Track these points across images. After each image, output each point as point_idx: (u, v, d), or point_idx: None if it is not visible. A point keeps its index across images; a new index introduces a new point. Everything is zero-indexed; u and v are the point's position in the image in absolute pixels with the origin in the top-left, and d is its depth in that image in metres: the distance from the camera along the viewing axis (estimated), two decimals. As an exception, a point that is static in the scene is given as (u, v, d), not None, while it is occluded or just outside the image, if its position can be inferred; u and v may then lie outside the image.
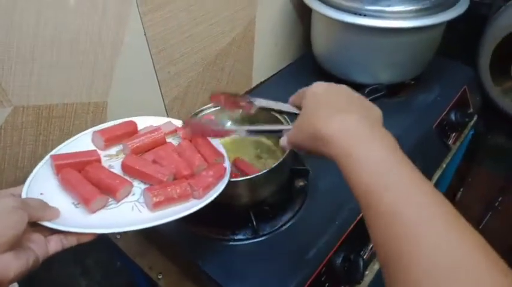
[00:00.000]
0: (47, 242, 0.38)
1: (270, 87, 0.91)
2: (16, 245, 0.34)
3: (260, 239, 0.57)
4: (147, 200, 0.43)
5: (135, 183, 0.47)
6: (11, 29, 0.48)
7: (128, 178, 0.47)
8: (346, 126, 0.35)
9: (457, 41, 0.91)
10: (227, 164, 0.50)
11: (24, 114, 0.54)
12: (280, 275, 0.53)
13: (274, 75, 0.95)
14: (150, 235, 0.67)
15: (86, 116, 0.61)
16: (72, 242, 0.40)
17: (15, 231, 0.34)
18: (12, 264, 0.33)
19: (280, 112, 0.52)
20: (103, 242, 0.72)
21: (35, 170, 0.45)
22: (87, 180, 0.45)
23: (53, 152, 0.48)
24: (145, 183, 0.47)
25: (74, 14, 0.53)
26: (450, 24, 0.73)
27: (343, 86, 0.42)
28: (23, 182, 0.58)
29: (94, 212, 0.43)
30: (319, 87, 0.42)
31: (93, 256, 0.83)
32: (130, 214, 0.43)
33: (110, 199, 0.44)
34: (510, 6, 0.90)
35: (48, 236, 0.39)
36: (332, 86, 0.42)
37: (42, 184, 0.44)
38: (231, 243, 0.57)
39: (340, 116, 0.36)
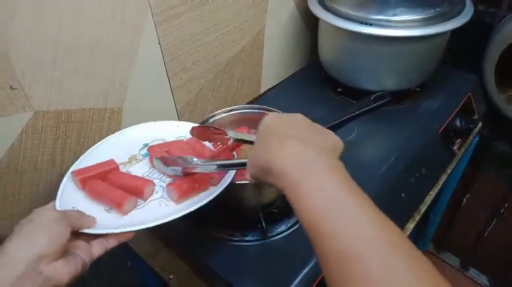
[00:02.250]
0: (90, 247, 0.42)
1: (277, 93, 0.93)
2: (64, 253, 0.38)
3: (268, 240, 0.59)
4: (172, 195, 0.47)
5: (156, 182, 0.50)
6: (34, 40, 0.51)
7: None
8: (295, 156, 0.33)
9: (462, 49, 0.93)
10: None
11: (44, 118, 0.57)
12: (289, 275, 0.54)
13: (281, 82, 0.97)
14: (162, 236, 0.69)
15: (102, 121, 0.64)
16: (113, 243, 0.43)
17: (61, 240, 0.38)
18: (64, 270, 0.37)
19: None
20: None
21: (61, 187, 0.48)
22: (112, 187, 0.48)
23: (72, 169, 0.51)
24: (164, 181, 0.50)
25: (93, 24, 0.56)
26: (455, 32, 0.75)
27: (297, 115, 0.39)
28: (42, 184, 0.61)
29: (127, 213, 0.46)
30: (270, 118, 0.39)
31: (104, 256, 0.85)
32: (159, 209, 0.47)
33: (138, 200, 0.47)
34: (514, 15, 0.92)
35: (91, 242, 0.42)
36: (284, 116, 0.39)
37: (71, 198, 0.48)
38: (240, 244, 0.59)
39: (289, 146, 0.34)
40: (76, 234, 0.41)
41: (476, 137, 0.95)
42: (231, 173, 0.50)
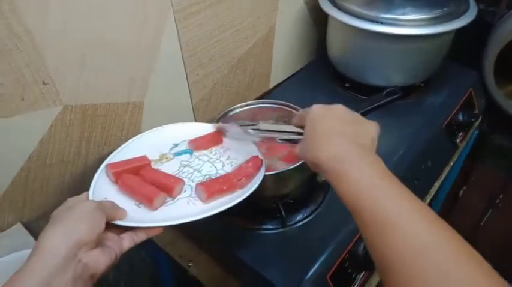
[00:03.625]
0: (121, 240, 0.43)
1: (286, 88, 0.96)
2: (100, 242, 0.39)
3: (287, 228, 0.62)
4: (200, 194, 0.49)
5: (185, 181, 0.52)
6: (65, 39, 0.53)
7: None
8: (335, 152, 0.38)
9: (464, 46, 0.96)
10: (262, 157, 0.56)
11: (72, 112, 0.59)
12: (308, 261, 0.57)
13: (290, 77, 1.00)
14: (182, 226, 0.72)
15: (124, 115, 0.66)
16: (142, 237, 0.44)
17: (99, 229, 0.39)
18: (101, 258, 0.38)
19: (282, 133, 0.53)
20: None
21: (94, 178, 0.50)
22: (144, 182, 0.50)
23: (106, 161, 0.53)
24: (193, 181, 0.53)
25: (118, 23, 0.58)
26: (458, 31, 0.78)
27: (339, 108, 0.44)
28: (68, 176, 0.63)
29: (156, 209, 0.48)
30: (316, 112, 0.44)
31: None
32: (187, 207, 0.48)
33: (168, 197, 0.50)
34: (513, 14, 0.95)
35: (121, 234, 0.43)
36: (328, 110, 0.44)
37: (104, 190, 0.49)
38: (261, 232, 0.62)
39: (333, 142, 0.39)
40: (107, 226, 0.41)
41: (476, 130, 0.99)
42: (259, 178, 0.51)
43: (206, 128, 0.61)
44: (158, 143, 0.59)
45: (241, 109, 0.70)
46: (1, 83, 0.49)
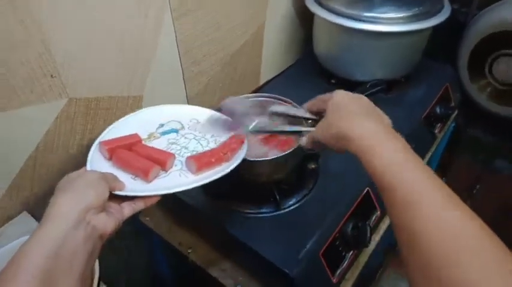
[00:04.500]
0: (122, 209, 0.47)
1: (275, 85, 1.01)
2: (105, 208, 0.43)
3: (282, 212, 0.67)
4: (191, 166, 0.54)
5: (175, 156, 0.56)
6: (71, 36, 0.56)
7: None
8: (367, 129, 0.42)
9: (441, 44, 1.03)
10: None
11: (76, 105, 0.62)
12: (302, 240, 0.62)
13: (279, 74, 1.05)
14: (180, 213, 0.76)
15: (125, 108, 0.69)
16: (140, 206, 0.48)
17: (104, 196, 0.43)
18: (107, 221, 0.42)
19: (295, 117, 0.59)
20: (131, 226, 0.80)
21: (89, 156, 0.53)
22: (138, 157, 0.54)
23: (98, 140, 0.56)
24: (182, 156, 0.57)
25: (122, 19, 0.61)
26: (435, 29, 0.85)
27: (361, 96, 0.50)
28: (72, 164, 0.66)
29: (151, 181, 0.52)
30: (342, 96, 0.49)
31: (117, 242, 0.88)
32: (179, 179, 0.53)
33: (161, 171, 0.54)
34: (484, 14, 1.03)
35: (121, 204, 0.47)
36: (352, 95, 0.50)
37: (99, 166, 0.52)
38: (258, 216, 0.66)
39: (361, 121, 0.44)
40: (109, 197, 0.45)
41: (453, 123, 1.06)
42: (243, 151, 0.56)
43: (187, 109, 0.66)
44: (145, 123, 0.62)
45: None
46: (13, 75, 0.52)
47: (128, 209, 0.47)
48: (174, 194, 0.49)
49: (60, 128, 0.61)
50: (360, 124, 0.43)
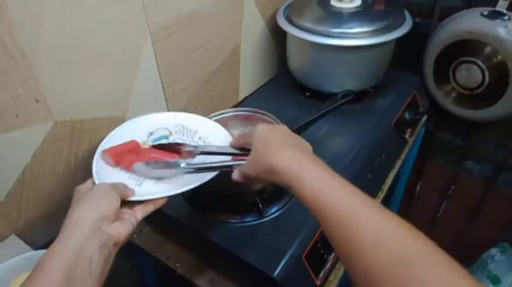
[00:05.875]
0: (134, 212, 0.50)
1: (254, 100, 1.05)
2: (118, 217, 0.47)
3: (265, 219, 0.70)
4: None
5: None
6: (56, 59, 0.59)
7: None
8: (292, 158, 0.45)
9: (406, 55, 1.10)
10: None
11: (62, 127, 0.64)
12: (285, 245, 0.65)
13: (256, 90, 1.10)
14: (166, 228, 0.78)
15: (109, 128, 0.71)
16: (151, 208, 0.51)
17: (116, 204, 0.47)
18: (122, 229, 0.45)
19: (222, 153, 0.60)
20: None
21: (94, 167, 0.56)
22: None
23: (99, 149, 0.60)
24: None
25: (104, 42, 0.65)
26: (400, 41, 0.91)
27: (283, 126, 0.54)
28: (60, 185, 0.67)
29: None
30: (263, 128, 0.51)
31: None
32: (181, 180, 0.56)
33: None
34: (444, 25, 1.11)
35: (134, 208, 0.50)
36: (273, 127, 0.53)
37: (105, 176, 0.55)
38: (242, 225, 0.69)
39: (285, 151, 0.46)
40: (121, 204, 0.48)
41: (423, 128, 1.12)
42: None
43: (165, 116, 0.69)
44: (134, 134, 0.64)
45: (216, 118, 0.78)
46: (-1, 101, 0.54)
47: (140, 212, 0.50)
48: (160, 209, 0.52)
49: (46, 151, 0.63)
50: (285, 154, 0.45)
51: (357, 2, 0.93)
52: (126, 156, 0.57)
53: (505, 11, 0.97)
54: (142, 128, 0.66)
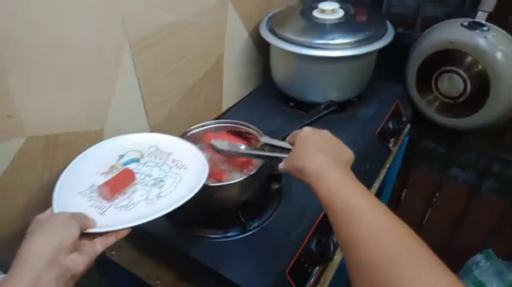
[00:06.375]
0: (94, 245, 0.48)
1: (237, 111, 1.04)
2: (76, 248, 0.45)
3: (247, 234, 0.68)
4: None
5: (139, 186, 0.58)
6: (30, 73, 0.57)
7: None
8: (318, 162, 0.49)
9: (389, 65, 1.11)
10: None
11: (34, 143, 0.62)
12: (268, 261, 0.63)
13: (240, 101, 1.09)
14: (145, 244, 0.75)
15: (85, 143, 0.69)
16: (112, 240, 0.49)
17: (75, 235, 0.45)
18: (80, 260, 0.44)
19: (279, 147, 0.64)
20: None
21: (55, 195, 0.54)
22: None
23: (60, 181, 0.58)
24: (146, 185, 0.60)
25: (82, 54, 0.63)
26: (382, 51, 0.92)
27: (326, 132, 0.56)
28: (32, 204, 0.65)
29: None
30: (307, 132, 0.55)
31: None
32: (146, 208, 0.54)
33: (127, 202, 0.55)
34: (426, 36, 1.12)
35: (93, 240, 0.48)
36: (317, 131, 0.56)
37: (65, 203, 0.53)
38: (224, 240, 0.67)
39: (318, 156, 0.50)
40: (81, 235, 0.46)
41: (407, 137, 1.13)
42: (205, 175, 0.58)
43: (141, 137, 0.69)
44: (105, 156, 0.64)
45: (197, 130, 0.77)
46: (-32, 117, 0.52)
47: (100, 245, 0.48)
48: (138, 225, 0.50)
49: (18, 167, 0.61)
50: (314, 158, 0.50)
51: (340, 13, 0.93)
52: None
53: (484, 22, 0.98)
54: (113, 150, 0.65)
